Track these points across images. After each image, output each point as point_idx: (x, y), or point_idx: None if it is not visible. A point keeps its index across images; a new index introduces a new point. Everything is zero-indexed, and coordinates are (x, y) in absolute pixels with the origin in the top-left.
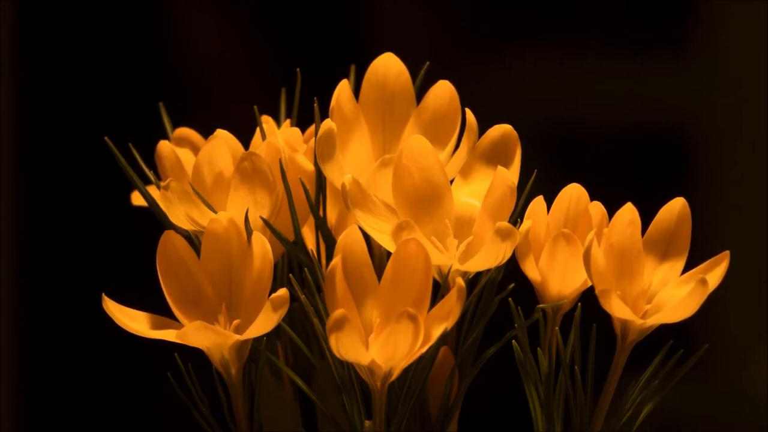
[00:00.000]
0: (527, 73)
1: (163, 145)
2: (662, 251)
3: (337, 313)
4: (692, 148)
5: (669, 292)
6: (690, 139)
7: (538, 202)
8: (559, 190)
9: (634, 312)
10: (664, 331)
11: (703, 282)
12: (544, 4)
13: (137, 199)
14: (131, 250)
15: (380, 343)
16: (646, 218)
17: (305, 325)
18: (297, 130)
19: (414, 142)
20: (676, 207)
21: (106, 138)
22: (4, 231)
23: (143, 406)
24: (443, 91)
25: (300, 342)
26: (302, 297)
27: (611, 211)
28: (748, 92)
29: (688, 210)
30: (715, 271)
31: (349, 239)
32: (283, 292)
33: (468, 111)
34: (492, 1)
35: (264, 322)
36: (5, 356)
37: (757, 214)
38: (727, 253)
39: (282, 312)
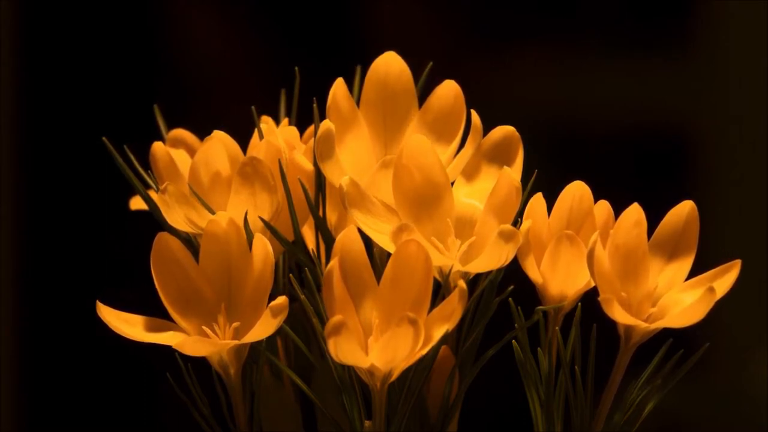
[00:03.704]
0: (527, 73)
1: (157, 147)
2: (668, 253)
3: (335, 319)
4: (692, 148)
5: (675, 296)
6: (690, 139)
7: (537, 200)
8: (559, 191)
9: (639, 315)
10: (665, 330)
11: (711, 290)
12: (544, 4)
13: (135, 203)
14: (131, 251)
15: (380, 347)
16: (646, 219)
17: (305, 325)
18: (295, 129)
19: (414, 142)
20: (684, 210)
21: (104, 139)
22: (4, 231)
23: (143, 406)
24: (448, 90)
25: (300, 342)
26: (302, 297)
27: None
28: (748, 92)
29: (696, 213)
30: (724, 279)
31: (347, 240)
32: (282, 299)
33: (473, 112)
34: (492, 1)
35: (263, 328)
36: (5, 356)
37: (757, 214)
38: (738, 262)
39: (281, 318)
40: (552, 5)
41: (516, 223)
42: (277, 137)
